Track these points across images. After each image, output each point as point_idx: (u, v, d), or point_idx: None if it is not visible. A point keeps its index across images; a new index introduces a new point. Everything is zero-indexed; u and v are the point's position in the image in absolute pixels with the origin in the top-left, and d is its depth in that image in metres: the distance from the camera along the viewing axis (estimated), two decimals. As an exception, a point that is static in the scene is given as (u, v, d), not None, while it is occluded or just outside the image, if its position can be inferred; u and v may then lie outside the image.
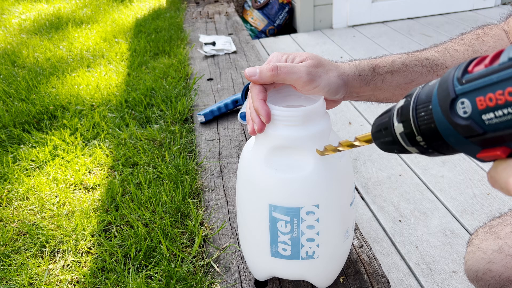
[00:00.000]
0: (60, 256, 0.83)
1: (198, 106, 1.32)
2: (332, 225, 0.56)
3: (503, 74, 0.24)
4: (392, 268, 0.95)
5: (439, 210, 1.09)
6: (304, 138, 0.51)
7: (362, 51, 2.20)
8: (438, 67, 0.58)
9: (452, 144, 0.29)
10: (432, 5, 2.65)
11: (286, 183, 0.53)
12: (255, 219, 0.58)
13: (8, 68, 1.79)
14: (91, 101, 1.46)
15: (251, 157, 0.56)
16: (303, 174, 0.53)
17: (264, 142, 0.54)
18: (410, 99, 0.33)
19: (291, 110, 0.51)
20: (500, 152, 0.26)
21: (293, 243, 0.56)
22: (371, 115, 1.59)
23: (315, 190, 0.53)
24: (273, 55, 0.54)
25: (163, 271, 0.74)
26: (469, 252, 0.82)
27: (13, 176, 1.08)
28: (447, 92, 0.28)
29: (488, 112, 0.25)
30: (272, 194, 0.54)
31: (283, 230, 0.55)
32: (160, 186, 0.97)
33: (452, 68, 0.29)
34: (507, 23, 0.61)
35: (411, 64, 0.57)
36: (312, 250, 0.56)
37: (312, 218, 0.54)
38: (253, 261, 0.64)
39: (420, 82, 0.57)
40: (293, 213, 0.54)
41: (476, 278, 0.79)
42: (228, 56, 1.71)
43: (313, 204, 0.53)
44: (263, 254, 0.59)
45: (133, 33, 2.15)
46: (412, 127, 0.32)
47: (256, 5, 2.61)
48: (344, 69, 0.55)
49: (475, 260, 0.79)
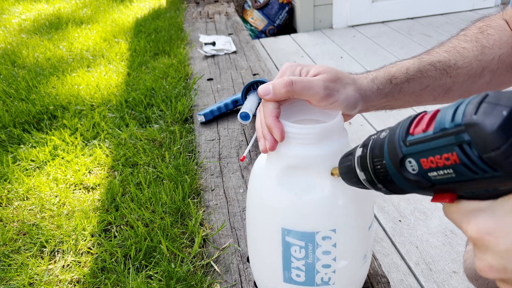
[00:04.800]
0: (60, 256, 0.83)
1: (198, 106, 1.32)
2: (350, 250, 0.52)
3: (436, 143, 0.27)
4: (392, 268, 0.95)
5: (439, 210, 1.09)
6: (320, 158, 0.47)
7: (362, 51, 2.20)
8: (451, 69, 0.56)
9: (409, 191, 0.32)
10: (432, 5, 2.65)
11: (301, 206, 0.49)
12: (266, 243, 0.54)
13: (8, 68, 1.79)
14: (91, 101, 1.46)
15: (263, 175, 0.52)
16: (319, 196, 0.49)
17: (277, 161, 0.50)
18: (366, 150, 0.36)
19: (306, 128, 0.47)
20: (448, 199, 0.29)
21: (307, 269, 0.52)
22: (371, 115, 1.59)
23: (332, 214, 0.49)
24: (286, 67, 0.51)
25: (163, 271, 0.74)
26: (468, 251, 0.82)
27: (13, 176, 1.08)
28: (395, 152, 0.31)
29: (432, 171, 0.28)
30: (285, 217, 0.50)
31: (297, 255, 0.51)
32: (160, 186, 0.97)
33: (396, 124, 0.32)
34: (505, 13, 0.59)
35: (425, 70, 0.55)
36: (328, 277, 0.52)
37: (328, 244, 0.50)
38: (264, 285, 0.60)
39: (435, 87, 0.56)
40: (308, 238, 0.50)
41: (475, 276, 0.79)
42: (228, 56, 1.71)
43: (330, 229, 0.49)
44: (275, 279, 0.55)
45: (133, 33, 2.15)
46: (372, 177, 0.35)
47: (256, 5, 2.61)
48: (361, 83, 0.52)
49: (473, 258, 0.79)
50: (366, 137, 0.37)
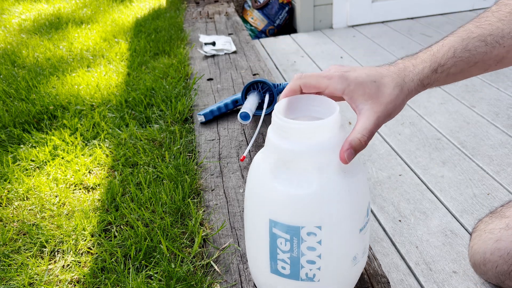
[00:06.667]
0: (60, 256, 0.83)
1: (198, 106, 1.32)
2: (336, 250, 0.52)
3: None
4: (392, 268, 0.95)
5: (439, 210, 1.09)
6: (310, 153, 0.48)
7: (362, 51, 2.20)
8: (504, 39, 0.52)
9: None
10: (432, 5, 2.65)
11: (288, 200, 0.50)
12: (256, 232, 0.55)
13: (8, 68, 1.79)
14: (91, 101, 1.46)
15: (257, 166, 0.54)
16: (306, 192, 0.49)
17: (270, 153, 0.51)
18: None
19: (297, 123, 0.48)
20: None
21: (292, 263, 0.52)
22: (371, 115, 1.59)
23: (318, 211, 0.50)
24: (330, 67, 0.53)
25: (163, 271, 0.74)
26: (474, 237, 0.81)
27: (13, 176, 1.08)
28: None
29: None
30: (273, 209, 0.51)
31: (282, 248, 0.52)
32: (160, 186, 0.97)
33: None
34: None
35: (474, 47, 0.51)
36: (312, 273, 0.53)
37: (313, 240, 0.50)
38: (255, 275, 0.62)
39: (486, 60, 0.52)
40: (293, 231, 0.50)
41: (483, 260, 0.77)
42: (228, 56, 1.71)
43: (315, 225, 0.50)
44: (263, 270, 0.57)
45: (133, 33, 2.15)
46: None
47: (256, 5, 2.61)
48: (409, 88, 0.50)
49: (482, 242, 0.78)
50: None
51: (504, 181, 1.18)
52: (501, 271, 0.75)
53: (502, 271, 0.75)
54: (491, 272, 0.78)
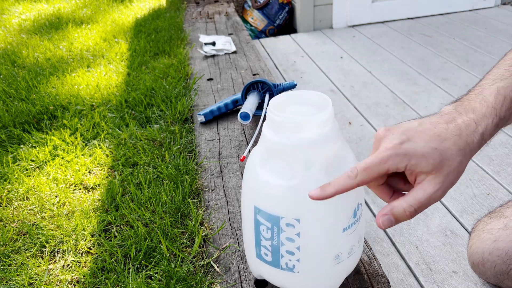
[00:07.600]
0: (60, 256, 0.83)
1: (198, 106, 1.32)
2: (316, 246, 0.53)
3: None
4: (392, 268, 0.95)
5: (439, 210, 1.09)
6: (296, 147, 0.50)
7: (362, 51, 2.20)
8: None
9: None
10: (432, 5, 2.65)
11: (270, 189, 0.52)
12: (246, 217, 0.58)
13: (8, 68, 1.79)
14: (91, 101, 1.46)
15: (252, 156, 0.56)
16: (288, 184, 0.51)
17: (262, 144, 0.53)
18: None
19: (286, 117, 0.49)
20: None
21: (273, 251, 0.55)
22: (371, 115, 1.59)
23: (297, 204, 0.51)
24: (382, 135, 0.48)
25: (163, 271, 0.74)
26: (473, 237, 0.81)
27: (13, 176, 1.08)
28: None
29: None
30: (257, 197, 0.54)
31: (264, 235, 0.54)
32: (160, 186, 0.97)
33: None
34: None
35: None
36: (292, 264, 0.55)
37: (292, 231, 0.52)
38: (248, 259, 0.65)
39: None
40: (273, 220, 0.52)
41: (482, 260, 0.77)
42: (228, 56, 1.71)
43: (294, 218, 0.51)
44: (251, 254, 0.60)
45: (133, 33, 2.15)
46: None
47: (256, 5, 2.61)
48: (472, 149, 0.45)
49: (480, 242, 0.78)
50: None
51: (504, 181, 1.18)
52: (499, 271, 0.75)
53: (500, 271, 0.75)
54: (490, 272, 0.78)
